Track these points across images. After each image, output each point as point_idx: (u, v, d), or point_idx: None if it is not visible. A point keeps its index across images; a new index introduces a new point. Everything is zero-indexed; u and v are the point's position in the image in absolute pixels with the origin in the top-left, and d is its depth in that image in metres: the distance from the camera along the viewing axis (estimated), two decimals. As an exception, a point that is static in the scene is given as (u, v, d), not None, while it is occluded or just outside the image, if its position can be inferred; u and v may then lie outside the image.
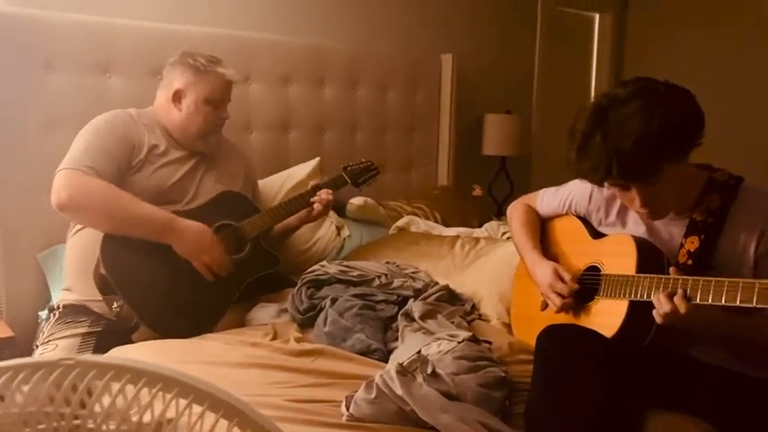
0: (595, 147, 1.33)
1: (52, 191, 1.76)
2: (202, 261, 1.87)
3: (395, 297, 1.87)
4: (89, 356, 0.48)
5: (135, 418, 0.49)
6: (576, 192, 1.72)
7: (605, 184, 1.50)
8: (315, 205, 2.12)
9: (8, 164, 2.11)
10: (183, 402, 0.48)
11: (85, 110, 2.10)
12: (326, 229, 2.54)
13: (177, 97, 2.00)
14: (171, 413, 0.49)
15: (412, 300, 1.84)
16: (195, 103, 1.99)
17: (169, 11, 2.57)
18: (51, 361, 0.47)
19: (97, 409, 0.47)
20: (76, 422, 0.51)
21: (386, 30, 3.30)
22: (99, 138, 1.87)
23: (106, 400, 0.48)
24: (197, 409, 0.48)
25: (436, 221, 2.91)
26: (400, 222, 2.74)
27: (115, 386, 0.49)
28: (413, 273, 2.05)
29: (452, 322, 1.72)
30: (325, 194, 2.13)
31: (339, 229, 2.60)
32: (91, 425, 0.49)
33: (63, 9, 2.27)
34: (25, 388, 0.47)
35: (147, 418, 0.49)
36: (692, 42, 4.15)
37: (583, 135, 1.37)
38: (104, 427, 0.48)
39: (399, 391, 1.21)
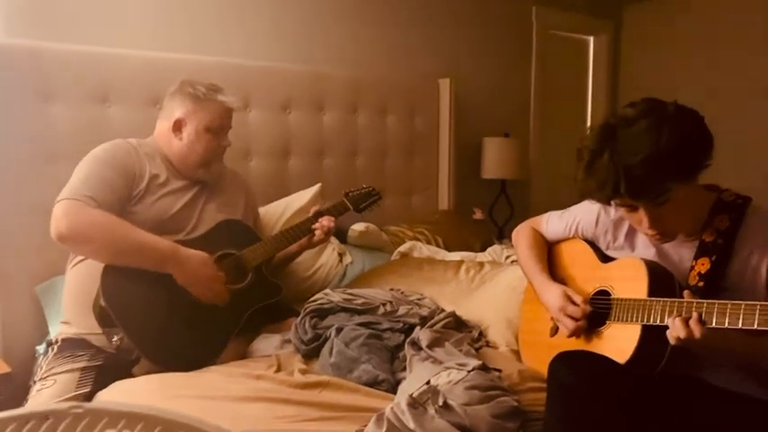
0: (603, 164, 1.32)
1: (51, 221, 1.73)
2: (202, 291, 1.84)
3: (401, 325, 1.84)
4: (99, 404, 0.46)
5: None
6: (583, 215, 1.70)
7: (613, 205, 1.49)
8: (316, 232, 2.10)
9: (6, 195, 2.09)
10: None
11: (85, 140, 2.07)
12: (328, 256, 2.51)
13: (177, 126, 1.99)
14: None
15: (418, 327, 1.80)
16: (196, 132, 1.98)
17: (167, 40, 2.57)
18: (61, 409, 0.45)
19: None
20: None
21: (384, 55, 3.31)
22: (99, 167, 1.85)
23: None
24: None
25: (438, 246, 2.89)
26: (403, 248, 2.72)
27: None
28: (418, 300, 2.02)
29: (460, 350, 1.69)
30: (326, 221, 2.11)
31: (341, 255, 2.58)
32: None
33: (61, 39, 2.26)
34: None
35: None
36: (687, 62, 4.18)
37: (591, 153, 1.36)
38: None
39: (411, 425, 1.18)
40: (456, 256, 2.57)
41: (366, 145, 3.11)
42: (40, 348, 1.99)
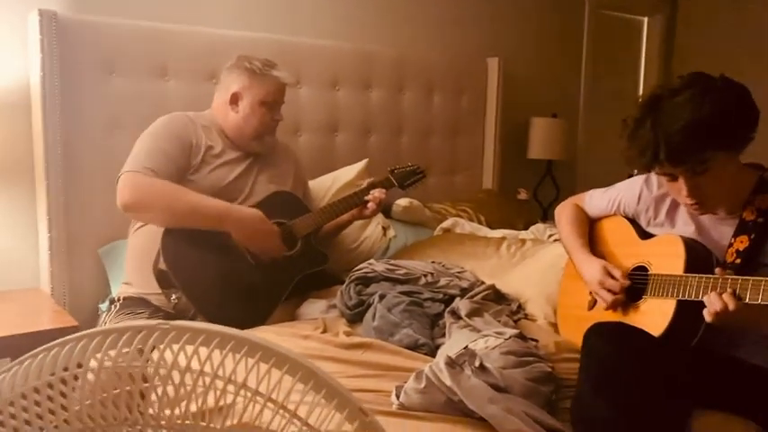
0: (645, 131, 1.37)
1: (117, 193, 1.86)
2: (261, 246, 1.94)
3: (441, 295, 1.90)
4: (183, 322, 0.54)
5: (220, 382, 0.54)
6: (626, 192, 1.73)
7: (654, 181, 1.51)
8: (369, 204, 2.17)
9: (73, 164, 2.22)
10: (264, 366, 0.53)
11: (145, 112, 2.20)
12: (373, 229, 2.59)
13: (234, 100, 2.08)
14: (252, 376, 0.54)
15: (458, 298, 1.87)
16: (251, 106, 2.07)
17: (223, 17, 2.66)
18: (151, 324, 0.53)
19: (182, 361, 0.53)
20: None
21: (432, 34, 3.34)
22: (159, 140, 1.96)
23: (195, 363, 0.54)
24: (276, 372, 0.53)
25: (481, 224, 2.93)
26: (445, 224, 2.77)
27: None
28: (459, 272, 2.07)
29: (499, 321, 1.75)
30: (378, 193, 2.18)
31: (385, 229, 2.65)
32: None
33: (124, 15, 2.38)
34: (126, 350, 0.53)
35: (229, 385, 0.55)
36: (744, 46, 4.07)
37: (635, 121, 1.41)
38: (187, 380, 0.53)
39: (448, 382, 1.25)
40: (498, 233, 2.61)
41: (412, 123, 3.16)
42: (103, 306, 2.13)
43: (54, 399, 0.54)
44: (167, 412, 0.53)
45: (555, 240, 2.36)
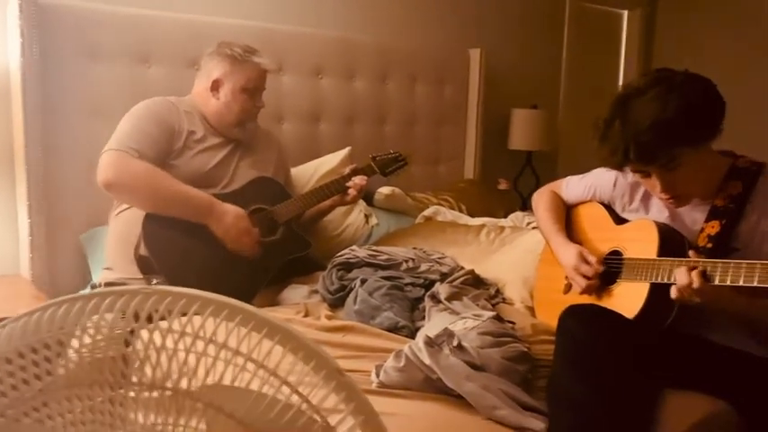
0: (615, 132, 1.40)
1: (98, 170, 1.86)
2: (235, 243, 1.95)
3: (422, 280, 1.93)
4: (165, 287, 0.56)
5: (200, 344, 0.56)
6: (601, 179, 1.77)
7: (628, 169, 1.55)
8: (350, 190, 2.19)
9: (54, 149, 2.21)
10: (243, 329, 0.55)
11: (127, 98, 2.19)
12: (355, 217, 2.61)
13: (215, 86, 2.08)
14: (232, 338, 0.56)
15: (438, 283, 1.89)
16: (232, 92, 2.07)
17: (205, 4, 2.65)
18: (133, 289, 0.55)
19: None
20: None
21: (415, 24, 3.36)
22: (143, 122, 1.96)
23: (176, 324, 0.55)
24: (256, 335, 0.55)
25: (462, 213, 2.96)
26: (427, 212, 2.80)
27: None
28: (439, 258, 2.10)
29: (477, 304, 1.78)
30: (359, 180, 2.20)
31: (367, 217, 2.67)
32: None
33: (105, 1, 2.36)
34: (108, 315, 0.55)
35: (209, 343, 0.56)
36: (723, 40, 4.14)
37: (605, 122, 1.44)
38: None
39: (427, 361, 1.28)
40: (478, 221, 2.64)
41: (395, 113, 3.18)
42: (84, 292, 2.12)
43: (39, 363, 0.56)
44: (149, 374, 0.55)
45: (533, 228, 2.40)
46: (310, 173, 2.60)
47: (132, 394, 0.56)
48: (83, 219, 2.29)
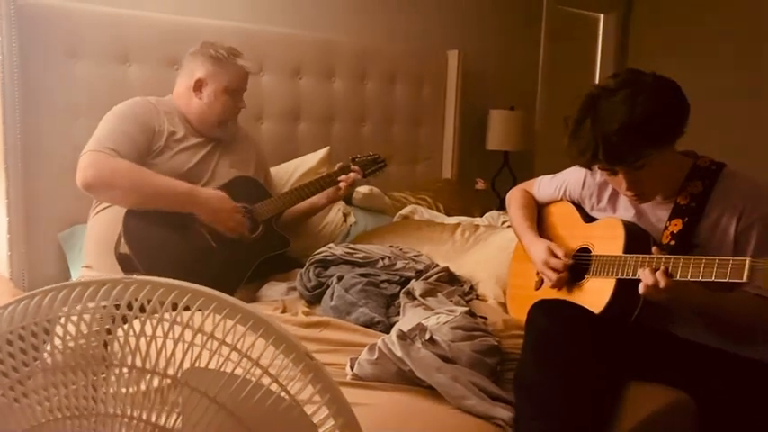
0: (584, 132, 1.45)
1: (78, 171, 1.87)
2: (226, 224, 1.98)
3: (397, 278, 1.97)
4: (145, 277, 0.59)
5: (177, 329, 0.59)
6: (571, 178, 1.83)
7: (596, 169, 1.61)
8: (341, 183, 2.25)
9: (33, 148, 2.21)
10: (218, 316, 0.59)
11: (107, 97, 2.20)
12: (334, 216, 2.64)
13: (198, 86, 2.11)
14: (208, 323, 0.60)
15: (414, 280, 1.94)
16: (215, 93, 2.10)
17: (184, 4, 2.67)
18: (115, 278, 0.58)
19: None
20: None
21: (394, 26, 3.41)
22: (122, 123, 1.98)
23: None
24: (230, 321, 0.58)
25: (439, 212, 3.01)
26: (404, 211, 2.85)
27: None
28: (415, 256, 2.15)
29: (451, 301, 1.82)
30: (353, 174, 2.27)
31: (345, 216, 2.71)
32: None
33: (86, 0, 2.38)
34: (90, 304, 0.58)
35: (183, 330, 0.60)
36: (696, 44, 4.23)
37: (574, 122, 1.49)
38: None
39: (399, 353, 1.32)
40: (454, 220, 2.69)
41: (374, 113, 3.22)
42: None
43: (26, 350, 0.59)
44: (130, 358, 0.58)
45: (508, 226, 2.45)
46: (290, 172, 2.63)
47: (113, 379, 0.59)
48: (61, 217, 2.29)
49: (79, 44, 2.30)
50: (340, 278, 1.89)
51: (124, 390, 0.58)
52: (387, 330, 1.67)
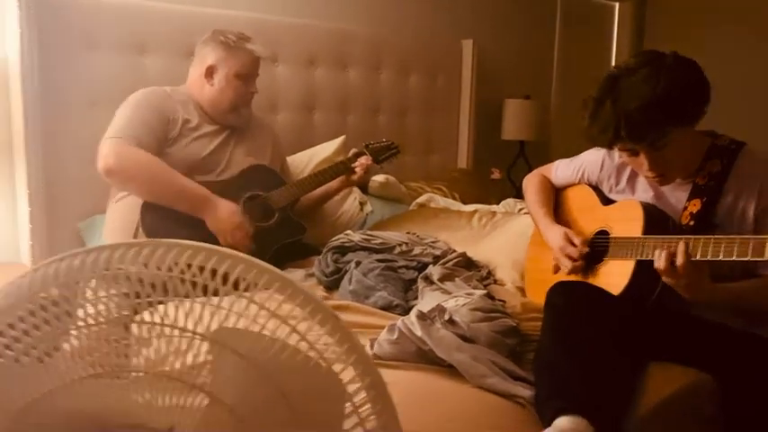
0: (605, 111, 1.44)
1: (99, 157, 1.90)
2: (229, 239, 1.99)
3: (415, 263, 1.98)
4: (167, 240, 0.60)
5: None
6: (589, 161, 1.82)
7: (616, 150, 1.60)
8: (356, 169, 2.26)
9: (53, 138, 2.24)
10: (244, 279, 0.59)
11: (123, 87, 2.22)
12: (350, 204, 2.65)
13: (209, 72, 2.12)
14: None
15: (431, 265, 1.94)
16: (226, 78, 2.11)
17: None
18: (142, 242, 0.59)
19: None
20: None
21: (408, 15, 3.40)
22: (140, 111, 2.00)
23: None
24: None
25: (455, 200, 3.00)
26: (421, 199, 2.85)
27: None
28: (432, 242, 2.15)
29: (469, 285, 1.82)
30: (365, 159, 2.27)
31: (362, 204, 2.72)
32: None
33: (103, -9, 2.40)
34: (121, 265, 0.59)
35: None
36: (711, 33, 4.19)
37: (594, 101, 1.48)
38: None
39: (419, 333, 1.33)
40: (470, 207, 2.68)
41: (388, 103, 3.22)
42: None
43: (60, 308, 0.60)
44: (157, 316, 0.59)
45: (525, 213, 2.44)
46: (305, 161, 2.64)
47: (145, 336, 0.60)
48: (81, 207, 2.32)
49: (97, 35, 2.32)
50: (358, 264, 1.90)
51: (155, 348, 0.59)
52: (405, 314, 1.66)
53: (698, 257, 1.37)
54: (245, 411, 0.56)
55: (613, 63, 4.66)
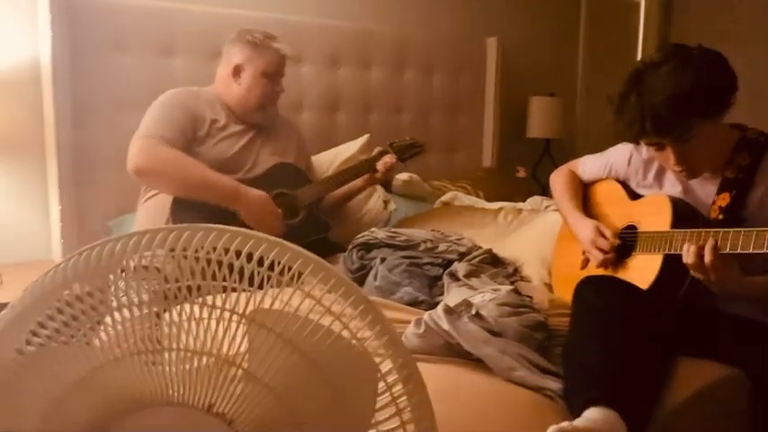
0: (631, 105, 1.43)
1: (128, 157, 1.93)
2: (263, 226, 2.01)
3: (440, 260, 1.97)
4: (201, 225, 0.62)
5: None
6: (617, 156, 1.81)
7: (644, 145, 1.59)
8: (379, 166, 2.27)
9: (84, 138, 2.29)
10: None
11: (151, 89, 2.25)
12: (374, 203, 2.66)
13: (237, 72, 2.15)
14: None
15: (456, 262, 1.94)
16: (253, 77, 2.14)
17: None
18: (181, 226, 0.61)
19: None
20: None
21: (431, 14, 3.40)
22: (169, 110, 2.03)
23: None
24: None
25: (479, 199, 2.99)
26: (445, 197, 2.84)
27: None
28: (457, 239, 2.14)
29: (495, 281, 1.82)
30: (389, 158, 2.27)
31: (386, 203, 2.72)
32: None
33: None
34: (159, 250, 0.61)
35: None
36: (738, 29, 4.12)
37: (620, 96, 1.48)
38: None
39: (446, 327, 1.33)
40: (496, 204, 2.68)
41: (412, 102, 3.22)
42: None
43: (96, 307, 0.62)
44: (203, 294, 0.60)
45: (553, 210, 2.43)
46: (330, 160, 2.66)
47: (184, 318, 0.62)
48: (111, 206, 2.37)
49: (125, 38, 2.37)
50: (383, 260, 1.91)
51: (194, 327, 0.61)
52: (430, 309, 1.67)
53: (727, 250, 1.36)
54: (287, 392, 0.57)
55: (639, 59, 4.61)
